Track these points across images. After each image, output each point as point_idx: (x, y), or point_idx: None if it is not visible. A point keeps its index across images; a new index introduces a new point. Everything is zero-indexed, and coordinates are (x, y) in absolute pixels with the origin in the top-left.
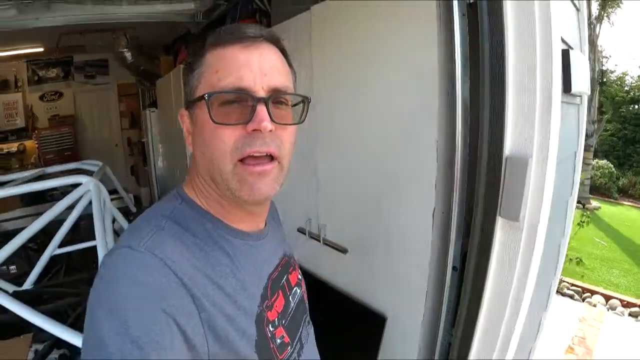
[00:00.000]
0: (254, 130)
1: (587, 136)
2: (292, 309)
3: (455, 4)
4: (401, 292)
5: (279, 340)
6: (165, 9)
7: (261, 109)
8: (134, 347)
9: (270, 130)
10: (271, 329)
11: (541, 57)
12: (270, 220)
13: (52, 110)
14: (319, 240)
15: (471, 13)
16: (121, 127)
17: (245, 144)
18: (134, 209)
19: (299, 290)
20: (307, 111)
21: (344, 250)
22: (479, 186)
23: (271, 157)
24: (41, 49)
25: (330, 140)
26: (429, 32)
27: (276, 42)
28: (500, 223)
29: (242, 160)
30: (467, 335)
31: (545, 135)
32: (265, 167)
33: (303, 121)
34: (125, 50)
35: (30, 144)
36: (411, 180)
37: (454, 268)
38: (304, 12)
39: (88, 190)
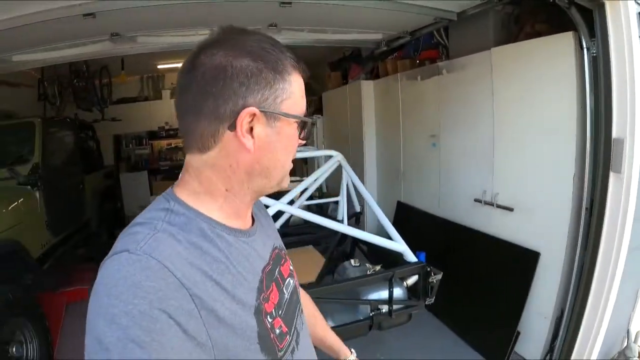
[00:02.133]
0: (299, 143)
1: None
2: (286, 299)
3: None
4: (551, 234)
5: (278, 330)
6: (357, 37)
7: None
8: (136, 347)
9: None
10: (269, 319)
11: None
12: (258, 217)
13: None
14: (493, 205)
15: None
16: None
17: (295, 151)
18: None
19: (291, 281)
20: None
21: (511, 209)
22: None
23: None
24: None
25: (502, 139)
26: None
27: None
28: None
29: None
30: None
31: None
32: None
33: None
34: None
35: None
36: (558, 163)
37: (586, 209)
38: (485, 51)
39: (337, 160)
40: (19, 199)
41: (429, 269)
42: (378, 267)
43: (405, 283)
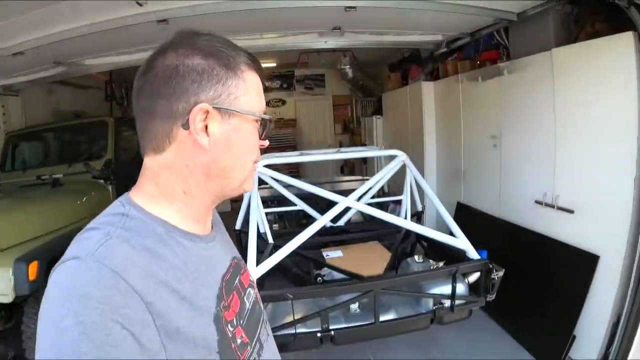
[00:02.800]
0: (261, 145)
1: None
2: (248, 309)
3: None
4: (612, 237)
5: (239, 340)
6: (418, 39)
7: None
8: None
9: None
10: (230, 328)
11: None
12: (217, 226)
13: (277, 114)
14: (553, 207)
15: None
16: (334, 132)
17: (257, 152)
18: None
19: (252, 292)
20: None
21: (571, 211)
22: None
23: None
24: (274, 64)
25: (563, 140)
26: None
27: None
28: None
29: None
30: None
31: None
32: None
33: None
34: (347, 67)
35: None
36: (619, 165)
37: None
38: (546, 51)
39: (402, 160)
40: (93, 192)
41: (491, 266)
42: (441, 264)
43: (466, 279)
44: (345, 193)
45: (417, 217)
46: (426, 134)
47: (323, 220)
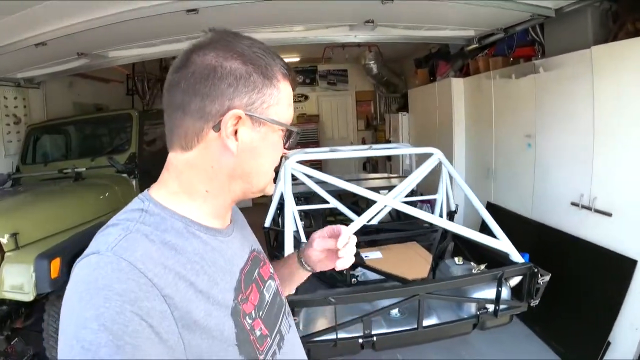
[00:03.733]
0: (283, 153)
1: None
2: (267, 301)
3: None
4: None
5: (258, 332)
6: (450, 34)
7: None
8: (108, 351)
9: None
10: (249, 321)
11: None
12: (236, 218)
13: (300, 109)
14: (590, 209)
15: None
16: (357, 128)
17: (279, 160)
18: None
19: (272, 283)
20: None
21: (609, 214)
22: None
23: None
24: (297, 59)
25: (602, 141)
26: None
27: None
28: None
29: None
30: None
31: None
32: None
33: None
34: (372, 62)
35: None
36: None
37: None
38: (585, 49)
39: (437, 158)
40: (117, 186)
41: (536, 270)
42: (483, 267)
43: (508, 283)
44: (374, 191)
45: (450, 216)
46: (455, 131)
47: (362, 220)
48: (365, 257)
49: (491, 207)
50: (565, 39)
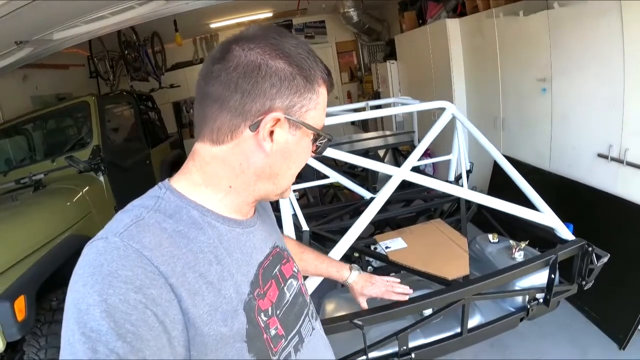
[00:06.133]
0: None
1: None
2: (287, 300)
3: None
4: None
5: (273, 332)
6: None
7: None
8: (110, 338)
9: None
10: (264, 318)
11: None
12: (260, 211)
13: None
14: (622, 162)
15: None
16: (341, 81)
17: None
18: None
19: (295, 282)
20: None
21: None
22: None
23: None
24: (270, 14)
25: (636, 86)
26: None
27: None
28: None
29: None
30: None
31: None
32: None
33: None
34: (351, 10)
35: None
36: None
37: None
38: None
39: (451, 113)
40: (83, 189)
41: (590, 249)
42: (523, 245)
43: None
44: (374, 153)
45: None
46: (454, 78)
47: (381, 200)
48: (387, 248)
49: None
50: None
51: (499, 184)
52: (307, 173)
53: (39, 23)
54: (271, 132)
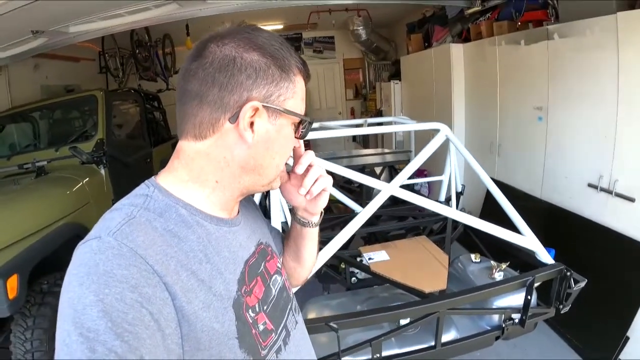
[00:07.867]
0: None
1: None
2: (273, 296)
3: None
4: None
5: (261, 327)
6: None
7: None
8: (108, 337)
9: None
10: (252, 314)
11: None
12: (246, 209)
13: None
14: (610, 193)
15: None
16: (346, 97)
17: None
18: None
19: (279, 278)
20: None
21: (632, 199)
22: None
23: None
24: (281, 26)
25: (628, 119)
26: None
27: None
28: None
29: None
30: None
31: None
32: None
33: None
34: (360, 27)
35: None
36: None
37: None
38: (609, 15)
39: (445, 134)
40: (84, 179)
41: (569, 273)
42: (504, 266)
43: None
44: (368, 167)
45: (457, 197)
46: (455, 101)
47: (368, 212)
48: (370, 259)
49: (495, 185)
50: (583, 2)
51: (491, 208)
52: None
53: (58, 14)
54: (251, 124)
